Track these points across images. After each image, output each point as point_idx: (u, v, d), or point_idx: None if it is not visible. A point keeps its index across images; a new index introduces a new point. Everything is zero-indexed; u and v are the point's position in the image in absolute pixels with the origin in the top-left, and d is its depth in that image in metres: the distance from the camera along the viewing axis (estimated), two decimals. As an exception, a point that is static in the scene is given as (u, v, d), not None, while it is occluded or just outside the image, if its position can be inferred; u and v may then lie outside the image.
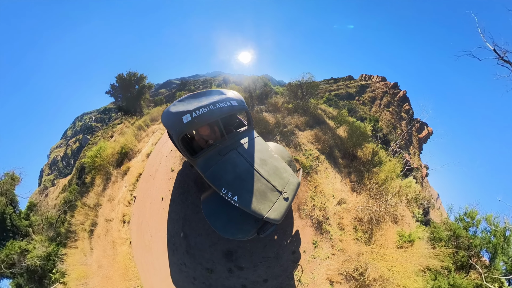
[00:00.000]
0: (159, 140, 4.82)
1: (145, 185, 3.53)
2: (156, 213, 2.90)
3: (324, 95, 20.87)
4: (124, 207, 3.43)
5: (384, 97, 27.10)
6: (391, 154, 5.12)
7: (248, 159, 1.95)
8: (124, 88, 14.02)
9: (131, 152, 4.93)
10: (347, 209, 2.94)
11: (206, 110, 1.92)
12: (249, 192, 1.70)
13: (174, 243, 2.48)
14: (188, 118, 1.85)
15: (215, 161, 1.91)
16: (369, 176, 3.57)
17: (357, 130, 4.33)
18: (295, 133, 4.36)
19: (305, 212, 2.69)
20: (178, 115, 1.89)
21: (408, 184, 3.89)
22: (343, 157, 4.20)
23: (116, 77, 13.85)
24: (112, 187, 4.08)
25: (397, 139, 7.51)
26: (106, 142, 5.80)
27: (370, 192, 3.16)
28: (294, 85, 6.54)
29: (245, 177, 1.81)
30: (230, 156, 1.96)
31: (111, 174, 4.42)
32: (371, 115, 18.30)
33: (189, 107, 1.93)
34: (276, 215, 1.62)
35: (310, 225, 2.61)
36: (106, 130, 19.97)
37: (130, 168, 4.26)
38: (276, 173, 1.90)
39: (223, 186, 1.72)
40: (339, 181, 3.47)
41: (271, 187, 1.77)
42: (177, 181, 3.14)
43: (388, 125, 21.70)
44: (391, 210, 2.89)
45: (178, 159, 3.54)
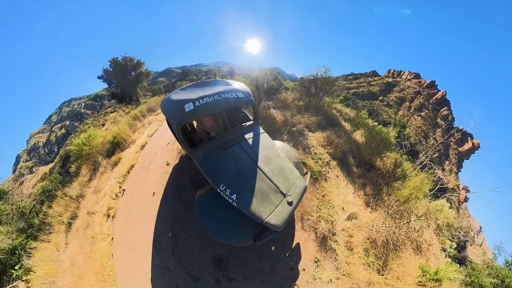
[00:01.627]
0: (156, 132, 5.02)
1: (136, 178, 3.65)
2: (146, 209, 2.99)
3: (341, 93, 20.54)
4: (110, 200, 3.54)
5: (416, 99, 25.75)
6: (418, 168, 4.98)
7: (251, 155, 1.97)
8: (118, 73, 14.47)
9: (124, 142, 5.16)
10: (359, 226, 2.90)
11: (210, 100, 1.97)
12: (250, 191, 1.70)
13: (160, 243, 2.52)
14: (191, 106, 1.90)
15: (215, 155, 1.95)
16: (389, 190, 3.50)
17: (378, 136, 4.29)
18: (304, 134, 4.41)
19: (309, 224, 2.70)
20: (179, 103, 1.94)
21: (438, 208, 3.71)
22: (358, 165, 4.19)
23: (110, 61, 14.24)
24: (100, 178, 4.21)
25: (429, 150, 6.89)
26: (97, 130, 6.08)
27: (388, 210, 3.09)
28: (307, 80, 6.62)
29: (247, 174, 1.82)
30: (233, 150, 2.00)
31: (100, 164, 4.59)
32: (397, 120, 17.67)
33: (192, 96, 2.00)
34: (277, 221, 1.59)
35: (313, 239, 2.60)
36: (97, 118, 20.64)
37: (122, 159, 4.43)
38: (281, 173, 1.90)
39: (221, 182, 1.74)
40: (351, 193, 3.46)
41: (274, 188, 1.77)
42: (172, 175, 3.23)
43: (417, 132, 20.66)
44: (413, 235, 2.76)
45: (175, 152, 3.67)
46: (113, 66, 14.21)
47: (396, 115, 22.37)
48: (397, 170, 4.03)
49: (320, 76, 6.29)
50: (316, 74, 6.42)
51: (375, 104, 21.98)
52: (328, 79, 6.10)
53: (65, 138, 39.19)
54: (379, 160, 4.42)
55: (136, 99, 15.07)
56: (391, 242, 2.61)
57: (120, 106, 15.54)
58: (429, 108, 26.24)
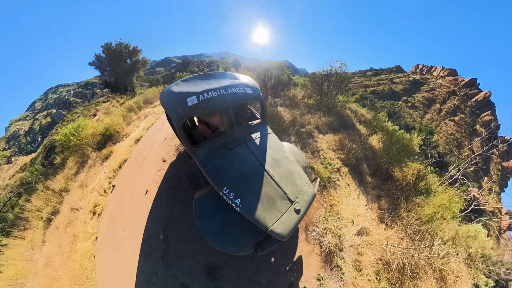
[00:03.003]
0: (152, 126, 5.16)
1: (129, 173, 3.74)
2: (136, 207, 3.04)
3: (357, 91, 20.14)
4: (98, 196, 3.60)
5: (449, 100, 24.45)
6: (447, 183, 4.85)
7: (258, 156, 1.99)
8: (112, 61, 14.80)
9: (117, 135, 5.31)
10: (370, 244, 2.90)
11: (216, 94, 1.97)
12: (255, 196, 1.70)
13: (149, 246, 2.55)
14: (194, 101, 1.89)
15: (219, 154, 1.95)
16: (408, 206, 3.47)
17: (398, 143, 4.22)
18: (314, 136, 4.46)
19: (314, 235, 2.72)
20: (182, 96, 1.94)
21: (471, 233, 3.48)
22: (373, 174, 4.19)
23: (103, 46, 14.59)
24: (88, 172, 4.30)
25: (462, 163, 6.42)
26: (87, 121, 6.25)
27: (406, 229, 3.05)
28: (319, 76, 6.67)
29: (253, 177, 1.82)
30: (238, 150, 2.01)
31: (89, 157, 4.71)
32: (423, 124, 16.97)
33: (195, 89, 2.00)
34: (283, 230, 1.59)
35: (317, 253, 2.61)
36: (88, 107, 21.35)
37: (114, 153, 4.55)
38: (289, 178, 1.91)
39: (225, 184, 1.74)
40: (363, 205, 3.48)
41: (281, 194, 1.77)
42: (168, 173, 3.30)
43: (448, 141, 19.72)
44: (437, 262, 2.61)
45: (173, 148, 3.78)
46: (107, 52, 14.49)
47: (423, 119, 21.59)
48: (419, 184, 3.94)
49: (334, 71, 6.27)
50: (330, 69, 6.41)
51: (397, 105, 21.39)
52: (344, 75, 6.10)
53: (50, 127, 39.51)
54: (398, 170, 4.38)
55: (132, 89, 15.40)
56: (408, 267, 2.49)
57: (114, 96, 15.74)
58: (466, 112, 24.70)
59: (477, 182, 16.40)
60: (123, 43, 14.92)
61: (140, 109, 7.12)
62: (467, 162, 6.46)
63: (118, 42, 14.80)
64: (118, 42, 14.80)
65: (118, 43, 14.80)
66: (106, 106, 15.95)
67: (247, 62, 30.51)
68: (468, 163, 6.54)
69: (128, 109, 7.04)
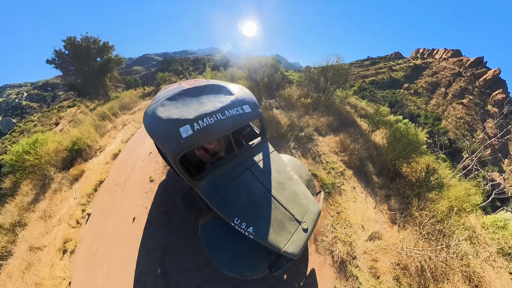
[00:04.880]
0: (133, 137, 4.71)
1: (108, 198, 3.42)
2: (123, 239, 2.78)
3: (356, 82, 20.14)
4: (68, 228, 3.12)
5: (455, 82, 24.34)
6: (460, 173, 4.79)
7: (264, 182, 2.08)
8: (78, 58, 12.74)
9: (89, 149, 4.72)
10: (384, 248, 3.04)
11: (212, 120, 1.89)
12: (266, 222, 1.85)
13: (145, 284, 2.31)
14: (189, 131, 1.77)
15: (224, 185, 1.99)
16: (420, 204, 3.58)
17: (403, 138, 4.36)
18: (314, 139, 4.59)
19: (324, 245, 2.84)
20: (172, 125, 1.80)
21: (500, 222, 3.43)
22: (379, 173, 4.29)
23: (65, 40, 12.54)
24: (52, 199, 3.70)
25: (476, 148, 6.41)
26: (47, 133, 5.35)
27: (420, 229, 3.13)
28: (315, 72, 6.76)
29: (261, 204, 1.95)
30: (243, 178, 2.06)
31: (52, 179, 4.04)
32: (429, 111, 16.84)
33: (187, 114, 1.88)
34: (294, 249, 1.76)
35: (330, 263, 2.70)
36: (48, 114, 17.95)
37: (86, 173, 4.05)
38: (295, 199, 2.06)
39: (235, 215, 1.84)
40: (372, 207, 3.58)
41: (289, 216, 1.93)
42: (158, 195, 3.14)
43: (458, 125, 19.63)
44: (455, 263, 2.55)
45: (161, 165, 3.63)
46: (70, 48, 12.55)
47: (428, 105, 21.64)
48: (430, 178, 4.09)
49: (331, 65, 6.32)
50: (327, 63, 6.49)
51: (399, 94, 21.47)
52: (341, 70, 6.20)
53: None
54: (405, 166, 4.47)
55: (105, 92, 13.70)
56: (428, 270, 2.55)
57: (82, 100, 13.68)
58: (475, 93, 24.26)
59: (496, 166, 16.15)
60: (91, 37, 13.07)
61: (116, 116, 6.33)
62: (482, 147, 6.31)
63: (85, 36, 12.88)
64: (85, 36, 12.88)
65: (85, 37, 12.87)
66: (72, 112, 13.19)
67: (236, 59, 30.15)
68: (483, 147, 6.40)
69: (101, 117, 6.25)
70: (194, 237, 2.63)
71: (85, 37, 13.03)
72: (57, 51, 12.61)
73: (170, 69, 37.63)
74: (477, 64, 26.40)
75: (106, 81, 14.21)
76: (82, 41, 12.90)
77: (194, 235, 2.64)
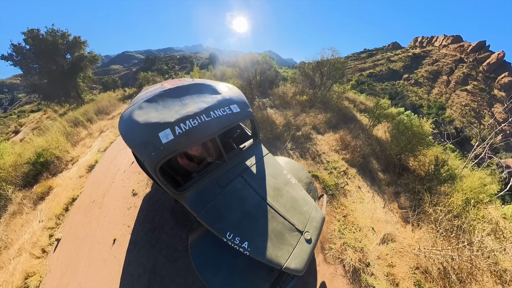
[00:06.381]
0: (112, 145, 4.35)
1: (82, 218, 3.08)
2: (101, 267, 2.50)
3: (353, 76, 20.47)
4: (31, 260, 2.70)
5: (457, 69, 24.55)
6: (472, 162, 4.73)
7: (258, 189, 1.92)
8: (42, 55, 11.21)
9: (58, 162, 4.17)
10: (399, 251, 2.86)
11: (196, 123, 1.75)
12: (263, 235, 1.69)
13: None
14: (169, 136, 1.63)
15: (213, 195, 1.84)
16: (433, 199, 3.44)
17: (407, 130, 4.25)
18: (312, 138, 4.50)
19: (333, 254, 2.67)
20: (150, 130, 1.66)
21: None
22: (384, 169, 4.18)
23: (25, 33, 10.96)
24: (9, 224, 3.29)
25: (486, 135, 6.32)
26: (3, 143, 4.72)
27: (437, 226, 2.98)
28: (310, 67, 6.81)
29: (256, 215, 1.79)
30: (235, 186, 1.91)
31: (9, 199, 3.59)
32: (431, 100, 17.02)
33: (167, 116, 1.73)
34: (297, 264, 1.60)
35: (341, 274, 2.52)
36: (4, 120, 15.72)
37: (54, 190, 3.63)
38: (294, 206, 1.91)
39: (227, 229, 1.68)
40: (381, 207, 3.44)
41: (289, 226, 1.77)
42: (142, 211, 2.90)
43: (464, 113, 19.75)
44: (481, 261, 2.42)
45: (144, 176, 3.40)
46: (32, 43, 10.91)
47: (430, 95, 21.83)
48: (440, 170, 3.99)
49: (326, 60, 6.35)
50: (322, 58, 6.53)
51: (399, 85, 21.74)
52: (337, 64, 6.23)
53: None
54: (412, 159, 4.36)
55: (77, 94, 12.21)
56: (452, 272, 2.40)
57: (49, 104, 12.09)
58: (479, 79, 23.93)
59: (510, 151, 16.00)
60: (59, 31, 11.43)
61: (92, 122, 5.83)
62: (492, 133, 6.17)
63: (51, 29, 11.24)
64: (51, 29, 11.24)
65: (50, 30, 11.24)
66: (36, 117, 12.10)
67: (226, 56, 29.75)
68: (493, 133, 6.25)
69: (73, 123, 5.66)
70: (185, 256, 2.42)
71: (50, 30, 11.34)
72: (15, 45, 10.91)
73: (153, 68, 35.18)
74: (480, 49, 26.57)
75: (78, 81, 12.48)
76: (47, 35, 11.21)
77: (186, 254, 2.44)
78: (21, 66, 11.52)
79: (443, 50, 28.49)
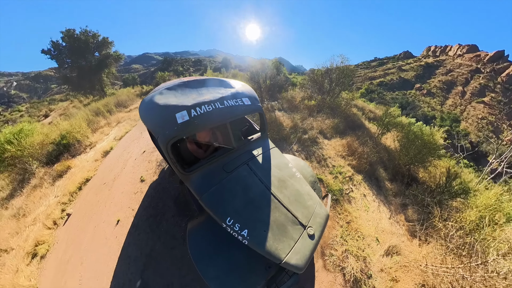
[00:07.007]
0: (127, 135, 4.60)
1: (92, 197, 3.24)
2: (102, 245, 2.56)
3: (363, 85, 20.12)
4: (43, 229, 2.90)
5: (473, 79, 23.49)
6: (487, 177, 4.45)
7: (263, 178, 1.91)
8: (75, 51, 12.72)
9: (78, 145, 4.57)
10: (404, 265, 2.72)
11: (211, 108, 1.85)
12: (264, 224, 1.63)
13: None
14: (185, 116, 1.73)
15: (217, 179, 1.84)
16: (443, 213, 3.29)
17: (417, 139, 4.11)
18: (318, 142, 4.47)
19: (333, 261, 2.57)
20: (168, 111, 1.77)
21: None
22: (392, 179, 4.05)
23: (63, 32, 12.58)
24: (29, 195, 3.52)
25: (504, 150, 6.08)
26: (35, 123, 5.16)
27: (447, 242, 2.81)
28: (320, 74, 6.83)
29: (260, 203, 1.75)
30: (240, 173, 1.91)
31: (33, 173, 3.87)
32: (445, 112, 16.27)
33: (185, 101, 1.86)
34: (298, 260, 1.51)
35: (341, 283, 2.42)
36: (38, 104, 18.28)
37: (71, 169, 3.87)
38: (298, 200, 1.87)
39: (228, 214, 1.64)
40: (387, 217, 3.31)
41: (292, 219, 1.71)
42: (148, 197, 2.96)
43: (481, 126, 18.59)
44: (497, 283, 2.23)
45: (154, 164, 3.48)
46: (68, 41, 12.58)
47: (443, 106, 20.83)
48: (452, 183, 3.78)
49: (336, 67, 6.38)
50: (331, 65, 6.55)
51: (410, 95, 20.98)
52: (346, 71, 6.21)
53: None
54: (422, 170, 4.19)
55: (100, 88, 13.62)
56: None
57: (76, 95, 13.64)
58: (497, 90, 23.16)
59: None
60: (90, 31, 13.15)
61: (111, 114, 6.24)
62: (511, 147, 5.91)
63: (84, 30, 12.96)
64: (84, 30, 12.96)
65: (84, 30, 12.96)
66: (64, 106, 13.03)
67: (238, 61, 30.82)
68: None
69: (94, 113, 6.13)
70: (182, 245, 2.40)
71: (84, 31, 13.05)
72: (54, 42, 12.65)
73: (170, 69, 37.82)
74: (498, 59, 25.23)
75: (103, 76, 13.95)
76: (81, 34, 12.88)
77: (183, 244, 2.42)
78: (56, 60, 13.10)
79: (457, 59, 27.36)
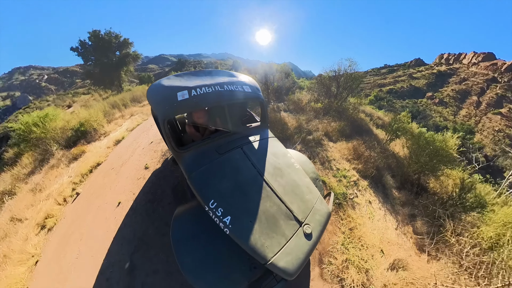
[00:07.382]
0: (138, 126, 5.00)
1: (100, 180, 3.51)
2: (102, 224, 2.72)
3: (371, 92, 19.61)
4: (54, 205, 3.18)
5: (490, 89, 22.23)
6: (506, 191, 4.12)
7: (256, 164, 1.76)
8: (99, 50, 14.40)
9: (94, 133, 5.02)
10: (411, 282, 2.50)
11: (210, 90, 1.92)
12: (251, 214, 1.42)
13: (108, 278, 2.12)
14: (185, 95, 1.81)
15: (208, 160, 1.77)
16: (456, 226, 3.03)
17: (429, 146, 3.88)
18: (323, 144, 4.34)
19: (332, 270, 2.38)
20: (171, 90, 1.88)
21: None
22: (400, 187, 3.82)
23: (90, 32, 14.33)
24: (47, 173, 3.90)
25: None
26: (59, 110, 5.78)
27: (460, 260, 2.58)
28: (327, 78, 6.75)
29: (249, 189, 1.56)
30: (232, 156, 1.81)
31: (53, 154, 4.30)
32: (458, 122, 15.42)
33: (188, 83, 1.97)
34: (289, 263, 1.24)
35: None
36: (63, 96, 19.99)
37: (86, 154, 4.26)
38: (295, 191, 1.64)
39: (212, 197, 1.49)
40: (393, 228, 3.08)
41: (286, 212, 1.48)
42: (149, 183, 3.14)
43: (497, 139, 17.42)
44: None
45: (159, 154, 3.72)
46: (93, 40, 14.27)
47: (456, 116, 19.86)
48: (466, 196, 3.48)
49: (343, 72, 6.31)
50: (339, 69, 6.48)
51: (421, 103, 20.13)
52: (354, 75, 6.11)
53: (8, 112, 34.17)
54: (433, 180, 3.91)
55: (119, 84, 15.10)
56: None
57: (97, 89, 15.29)
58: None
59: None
60: (113, 32, 14.90)
61: (126, 107, 6.82)
62: None
63: (108, 31, 14.77)
64: (108, 31, 14.77)
65: (108, 31, 14.76)
66: (85, 98, 14.98)
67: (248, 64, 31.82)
68: None
69: (111, 105, 6.74)
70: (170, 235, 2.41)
71: (108, 32, 14.90)
72: (82, 41, 14.50)
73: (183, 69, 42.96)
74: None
75: (121, 74, 15.65)
76: (105, 35, 14.73)
77: None
78: (82, 57, 14.97)
79: (472, 68, 26.07)
